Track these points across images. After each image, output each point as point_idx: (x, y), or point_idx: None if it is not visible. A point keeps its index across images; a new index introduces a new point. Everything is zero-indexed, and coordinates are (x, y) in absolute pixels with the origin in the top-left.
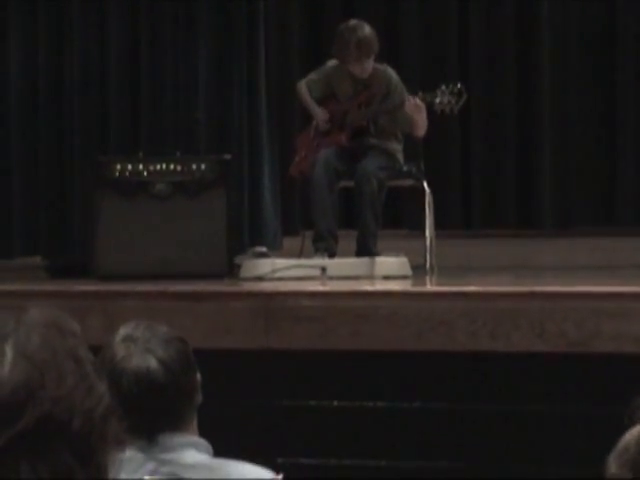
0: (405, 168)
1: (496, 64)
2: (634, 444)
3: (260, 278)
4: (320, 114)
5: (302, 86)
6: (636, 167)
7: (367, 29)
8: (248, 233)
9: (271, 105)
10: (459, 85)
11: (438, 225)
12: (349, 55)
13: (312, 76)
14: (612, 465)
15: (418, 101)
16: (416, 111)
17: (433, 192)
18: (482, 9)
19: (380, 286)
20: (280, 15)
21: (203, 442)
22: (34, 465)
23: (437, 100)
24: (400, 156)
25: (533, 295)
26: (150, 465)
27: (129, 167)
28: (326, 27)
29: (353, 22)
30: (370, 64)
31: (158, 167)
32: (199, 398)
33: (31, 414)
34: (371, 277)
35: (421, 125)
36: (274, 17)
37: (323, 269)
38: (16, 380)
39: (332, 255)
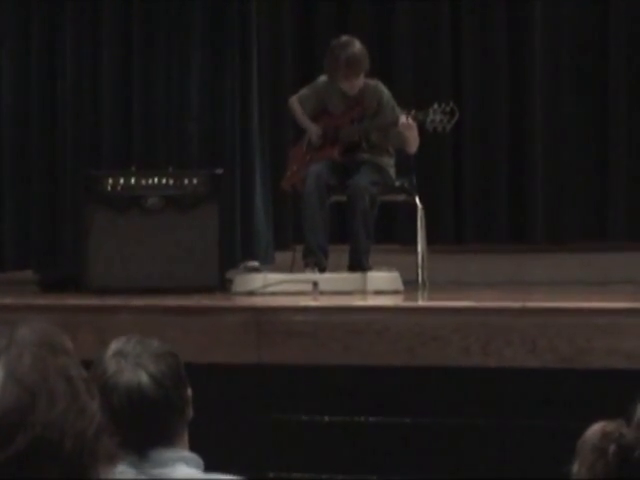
0: (397, 183)
1: (488, 82)
2: (589, 444)
3: (252, 293)
4: (314, 129)
5: (294, 101)
6: (628, 183)
7: (357, 46)
8: (240, 247)
9: (263, 119)
10: (451, 104)
11: (430, 240)
12: (339, 72)
13: (304, 91)
14: (574, 465)
15: (410, 120)
16: (407, 129)
17: (425, 207)
18: (475, 28)
19: (372, 301)
20: (273, 29)
21: (194, 457)
22: None
23: (429, 119)
24: (392, 171)
25: (525, 311)
26: None
27: (121, 181)
28: (319, 41)
29: (344, 38)
30: (359, 82)
31: (150, 181)
32: (190, 413)
33: (22, 438)
34: (363, 292)
35: (412, 142)
36: (267, 31)
37: (315, 284)
38: (7, 404)
39: (322, 270)
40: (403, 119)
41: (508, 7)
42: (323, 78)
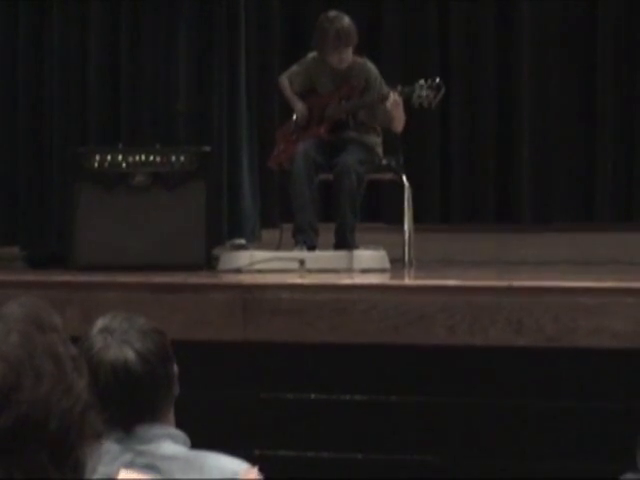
0: (384, 162)
1: (476, 59)
2: None
3: (238, 270)
4: (300, 107)
5: (284, 79)
6: (615, 164)
7: (346, 20)
8: (227, 225)
9: (251, 98)
10: (437, 79)
11: (417, 219)
12: (328, 44)
13: (293, 69)
14: None
15: (396, 96)
16: (394, 106)
17: (412, 186)
18: (463, 3)
19: (358, 279)
20: (261, 7)
21: (180, 434)
22: (8, 465)
23: (415, 94)
24: (379, 150)
25: (511, 290)
26: (127, 456)
27: (108, 158)
28: (307, 21)
29: (333, 13)
30: (349, 55)
31: (137, 158)
32: (176, 389)
33: (7, 416)
34: (349, 270)
35: (398, 120)
36: (254, 9)
37: (301, 262)
38: None
39: (312, 248)
40: (393, 96)
41: None
42: (312, 55)
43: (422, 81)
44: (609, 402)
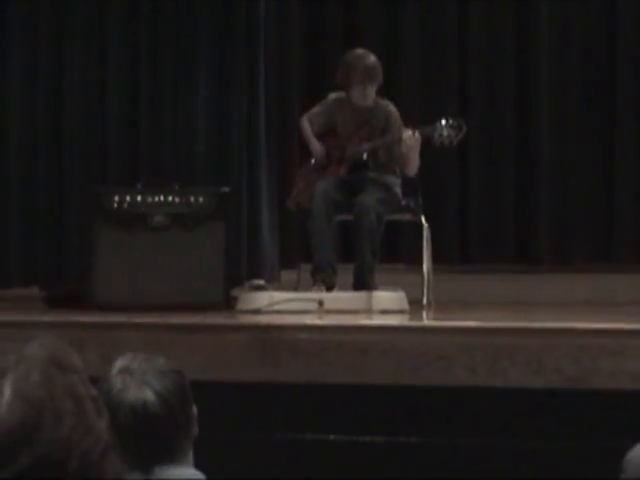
0: (403, 202)
1: (495, 98)
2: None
3: (257, 311)
4: (318, 148)
5: (304, 121)
6: (634, 204)
7: (373, 57)
8: (246, 266)
9: (270, 137)
10: (458, 119)
11: (435, 259)
12: (354, 79)
13: (314, 110)
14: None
15: (416, 135)
16: (409, 148)
17: (431, 226)
18: (482, 44)
19: (377, 320)
20: (280, 47)
21: (199, 475)
22: None
23: (437, 133)
24: (398, 190)
25: (530, 330)
26: None
27: (127, 198)
28: (326, 61)
29: (360, 50)
30: (373, 92)
31: (156, 199)
32: (195, 430)
33: (27, 456)
34: (369, 311)
35: (413, 163)
36: (274, 50)
37: (320, 302)
38: (13, 421)
39: (331, 287)
40: (408, 133)
41: (515, 22)
42: (333, 95)
43: (443, 120)
44: (628, 444)
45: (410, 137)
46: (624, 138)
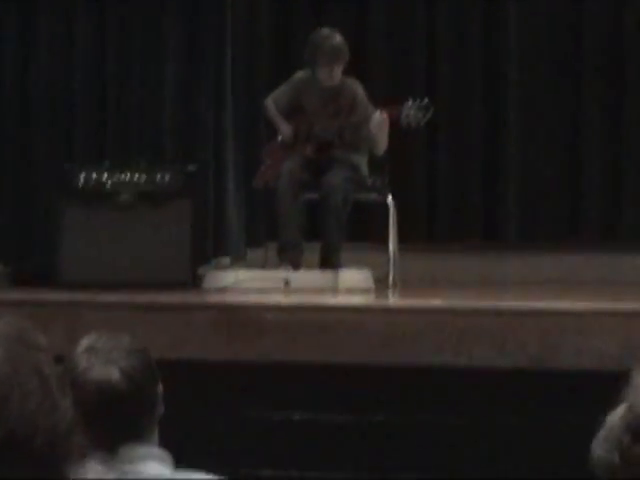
0: (369, 181)
1: (463, 77)
2: (618, 423)
3: (223, 289)
4: (285, 129)
5: (269, 101)
6: (601, 183)
7: (339, 37)
8: (212, 244)
9: (237, 116)
10: (426, 99)
11: (402, 238)
12: (320, 59)
13: (280, 89)
14: (597, 448)
15: (383, 115)
16: (378, 127)
17: (397, 205)
18: (450, 23)
19: (343, 299)
20: (249, 25)
21: (164, 454)
22: None
23: (403, 114)
24: (365, 169)
25: (496, 310)
26: (111, 477)
27: (94, 176)
28: (294, 40)
29: (326, 30)
30: (339, 72)
31: (123, 176)
32: (161, 409)
33: None
34: (334, 290)
35: (381, 142)
36: (242, 26)
37: (286, 281)
38: None
39: (297, 266)
40: (377, 114)
41: (484, 4)
42: (300, 74)
43: (410, 101)
44: (592, 422)
45: (378, 117)
46: (592, 117)
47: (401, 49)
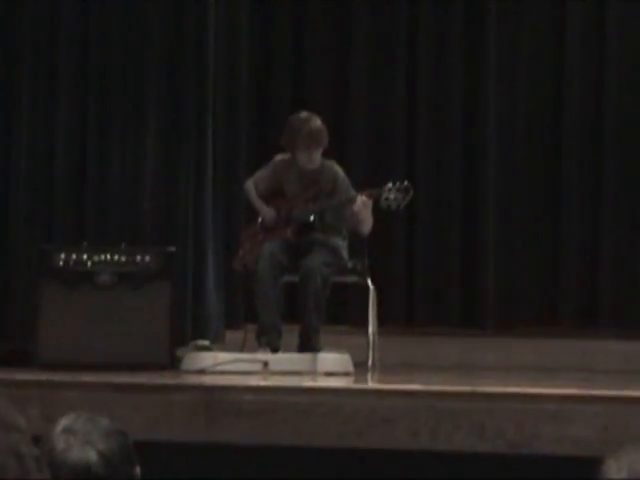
0: (349, 264)
1: (443, 160)
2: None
3: (202, 371)
4: (265, 212)
5: (249, 185)
6: (579, 269)
7: (318, 121)
8: (190, 325)
9: (217, 199)
10: (406, 182)
11: (381, 322)
12: (299, 143)
13: (259, 173)
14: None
15: (365, 198)
16: (363, 209)
17: (376, 288)
18: (430, 106)
19: (322, 382)
20: (228, 109)
21: None
22: None
23: (383, 196)
24: (345, 252)
25: (474, 395)
26: None
27: (73, 256)
28: (274, 120)
29: (304, 114)
30: (318, 156)
31: (102, 257)
32: None
33: None
34: (313, 373)
35: (366, 223)
36: (222, 111)
37: (265, 364)
38: None
39: (275, 349)
40: (361, 198)
41: (462, 84)
42: (280, 157)
43: (390, 184)
44: None
45: (363, 201)
46: (570, 207)
47: (381, 130)
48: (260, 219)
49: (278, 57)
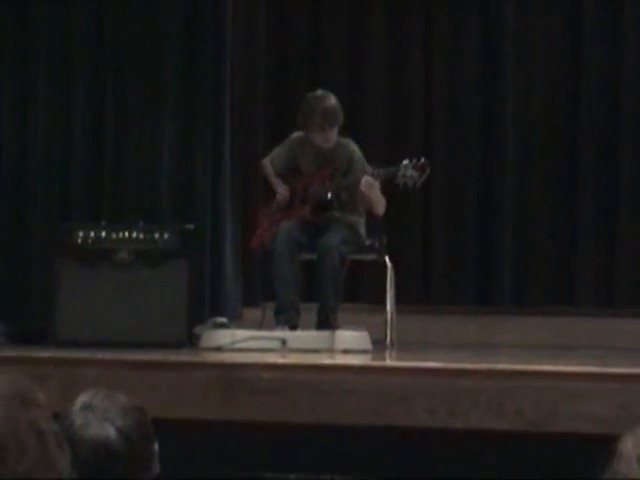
0: (367, 242)
1: (460, 140)
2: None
3: (219, 349)
4: (281, 190)
5: (266, 162)
6: (596, 248)
7: (333, 99)
8: (208, 303)
9: (234, 177)
10: (422, 159)
11: (399, 300)
12: (313, 123)
13: (276, 150)
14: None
15: (370, 179)
16: (369, 188)
17: (394, 266)
18: (446, 84)
19: (340, 360)
20: (245, 87)
21: None
22: None
23: (400, 174)
24: (362, 230)
25: (492, 373)
26: None
27: (91, 235)
28: (291, 99)
29: (320, 92)
30: (334, 135)
31: (120, 235)
32: (156, 468)
33: None
34: (331, 350)
35: (377, 203)
36: (239, 89)
37: (283, 341)
38: None
39: (294, 327)
40: (365, 178)
41: (480, 63)
42: (296, 135)
43: (407, 161)
44: None
45: (367, 182)
46: (586, 184)
47: (398, 108)
48: (277, 198)
49: (295, 35)
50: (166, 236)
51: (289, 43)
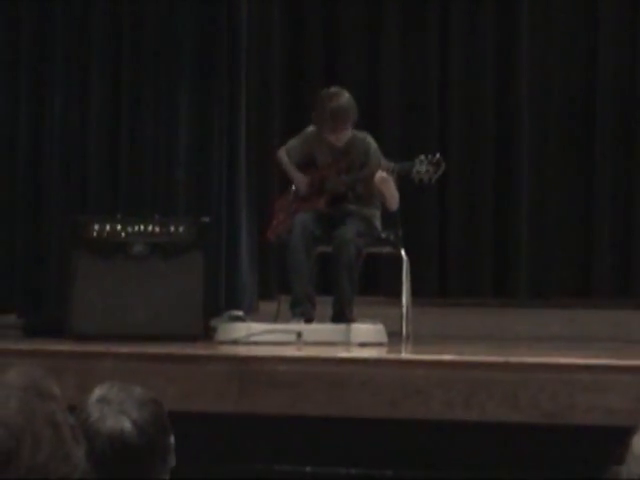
0: (383, 235)
1: (475, 133)
2: None
3: (235, 342)
4: (300, 179)
5: (282, 153)
6: (612, 240)
7: (345, 97)
8: (224, 296)
9: (250, 169)
10: (438, 155)
11: (414, 292)
12: (324, 124)
13: (291, 142)
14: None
15: (384, 174)
16: (382, 182)
17: (410, 259)
18: (462, 81)
19: (356, 353)
20: (261, 78)
21: None
22: None
23: (415, 169)
24: (378, 223)
25: (508, 365)
26: None
27: (107, 227)
28: (308, 90)
29: (333, 89)
30: (346, 134)
31: (136, 228)
32: (172, 461)
33: None
34: (347, 343)
35: (390, 197)
36: (255, 80)
37: (299, 334)
38: None
39: (309, 320)
40: (379, 173)
41: (496, 59)
42: (311, 128)
43: (422, 156)
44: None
45: (380, 176)
46: (603, 175)
47: (414, 104)
48: (293, 189)
49: (311, 25)
50: (182, 229)
51: (305, 35)
